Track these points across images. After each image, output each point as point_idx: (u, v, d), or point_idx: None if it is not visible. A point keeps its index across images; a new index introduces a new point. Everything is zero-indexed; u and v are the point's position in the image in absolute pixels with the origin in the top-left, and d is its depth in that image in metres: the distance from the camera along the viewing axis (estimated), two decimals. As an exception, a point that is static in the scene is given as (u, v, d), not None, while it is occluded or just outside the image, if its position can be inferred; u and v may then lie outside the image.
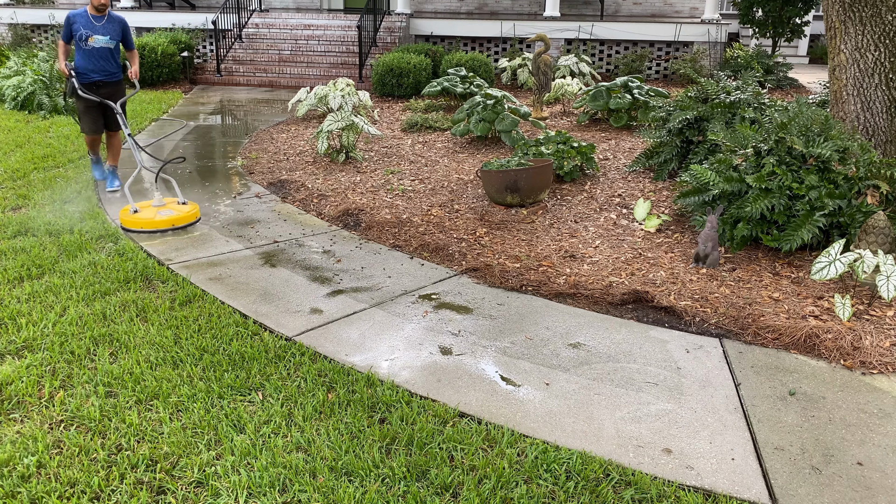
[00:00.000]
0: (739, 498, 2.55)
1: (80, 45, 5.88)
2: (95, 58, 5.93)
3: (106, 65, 6.00)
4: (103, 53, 5.96)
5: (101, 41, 5.90)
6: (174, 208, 5.42)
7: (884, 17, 5.04)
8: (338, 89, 9.09)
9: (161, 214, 5.24)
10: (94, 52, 5.91)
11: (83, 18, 5.90)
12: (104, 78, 6.02)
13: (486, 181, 5.97)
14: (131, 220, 5.18)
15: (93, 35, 5.84)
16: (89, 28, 5.86)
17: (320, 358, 3.42)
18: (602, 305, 4.14)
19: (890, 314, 3.95)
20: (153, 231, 5.16)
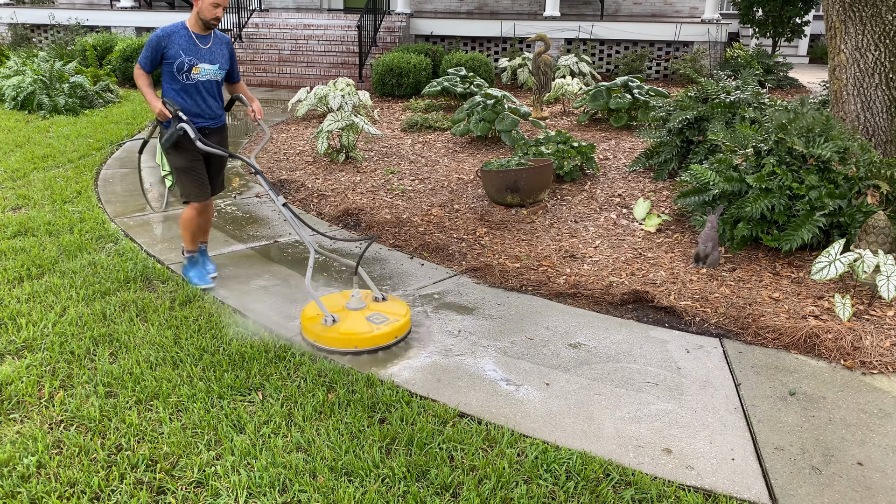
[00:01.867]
0: (739, 498, 2.55)
1: (176, 77, 4.01)
2: (200, 95, 4.11)
3: (213, 105, 4.20)
4: (210, 89, 4.15)
5: (209, 71, 4.09)
6: (381, 310, 3.72)
7: (884, 17, 5.04)
8: (338, 89, 9.09)
9: (376, 324, 3.57)
10: (198, 87, 4.08)
11: (183, 39, 3.99)
12: (211, 124, 4.21)
13: (486, 181, 5.96)
14: (331, 335, 3.50)
15: (198, 64, 4.02)
16: (193, 53, 4.01)
17: (320, 358, 3.42)
18: (602, 305, 4.14)
19: (890, 314, 3.95)
20: (371, 350, 3.52)
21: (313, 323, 3.57)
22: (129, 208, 5.81)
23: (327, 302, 3.78)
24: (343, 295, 3.87)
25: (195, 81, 4.05)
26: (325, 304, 3.71)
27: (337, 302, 3.78)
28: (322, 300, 3.76)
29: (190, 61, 4.00)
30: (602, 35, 13.33)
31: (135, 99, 11.12)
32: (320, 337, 3.52)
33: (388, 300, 3.83)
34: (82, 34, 14.43)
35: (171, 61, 3.97)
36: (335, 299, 3.83)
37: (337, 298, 3.83)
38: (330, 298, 3.85)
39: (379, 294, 3.84)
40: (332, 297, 3.86)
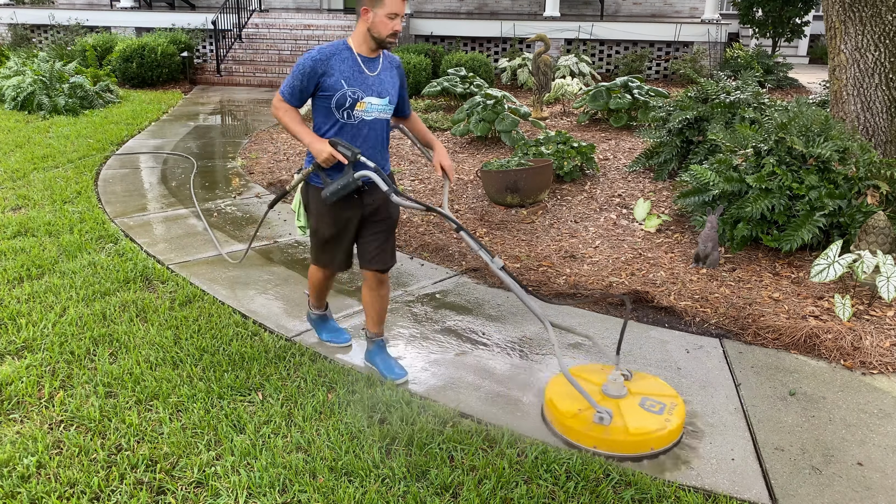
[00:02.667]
0: (739, 498, 2.55)
1: (332, 115, 2.93)
2: (364, 139, 3.00)
3: (380, 149, 3.07)
4: (378, 130, 3.03)
5: (377, 108, 2.98)
6: (646, 392, 2.96)
7: (884, 17, 5.04)
8: (338, 89, 9.07)
9: (666, 419, 2.79)
10: (361, 128, 2.97)
11: (347, 64, 2.91)
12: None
13: (486, 181, 5.96)
14: (615, 438, 2.73)
15: (364, 98, 2.92)
16: (359, 84, 2.91)
17: (320, 358, 3.42)
18: (602, 305, 4.14)
19: (890, 314, 3.95)
20: (667, 450, 2.78)
21: (578, 422, 2.76)
22: (129, 208, 5.81)
23: (585, 372, 3.05)
24: (584, 369, 3.11)
25: (359, 121, 2.94)
26: (583, 387, 2.86)
27: (589, 381, 2.98)
28: (561, 381, 2.99)
29: (354, 94, 2.89)
30: (602, 35, 13.33)
31: (134, 99, 11.13)
32: (578, 434, 2.75)
33: (633, 376, 3.01)
34: (82, 34, 14.43)
35: (328, 93, 2.88)
36: (584, 376, 3.04)
37: (606, 386, 2.91)
38: (579, 373, 3.06)
39: (624, 369, 3.01)
40: (579, 372, 3.07)
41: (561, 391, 2.91)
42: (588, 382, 2.96)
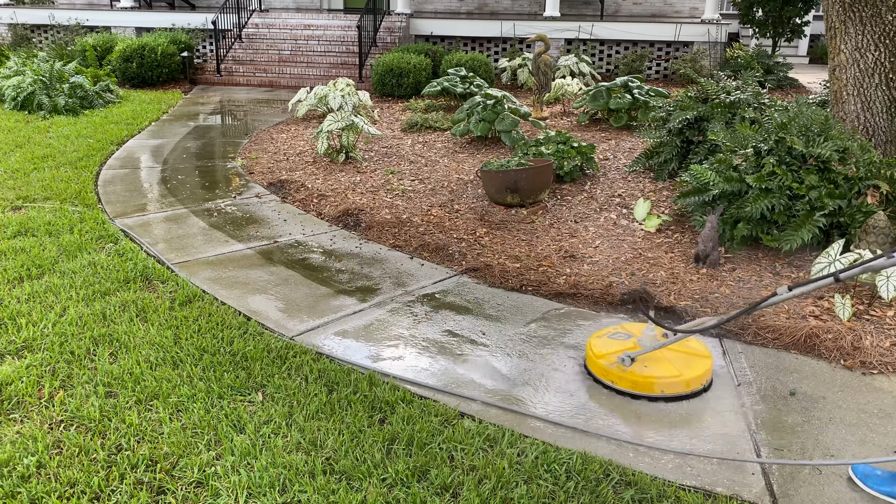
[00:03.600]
0: (739, 498, 2.55)
1: None
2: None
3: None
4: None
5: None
6: (682, 350, 3.34)
7: (884, 17, 5.04)
8: (338, 89, 9.09)
9: (685, 367, 3.19)
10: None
11: None
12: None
13: (486, 181, 5.96)
14: (642, 378, 3.14)
15: None
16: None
17: (322, 358, 3.42)
18: (602, 305, 4.14)
19: (890, 314, 3.95)
20: (680, 397, 3.15)
21: (607, 361, 3.20)
22: (129, 208, 5.81)
23: (609, 337, 3.41)
24: (627, 329, 3.47)
25: None
26: (613, 343, 3.33)
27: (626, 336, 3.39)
28: (602, 334, 3.41)
29: None
30: (602, 35, 13.33)
31: (135, 99, 11.12)
32: (619, 378, 3.14)
33: (676, 333, 3.17)
34: (82, 34, 14.43)
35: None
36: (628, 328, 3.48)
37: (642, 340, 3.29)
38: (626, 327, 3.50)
39: (666, 331, 3.29)
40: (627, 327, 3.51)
41: (596, 344, 3.34)
42: (627, 334, 3.41)
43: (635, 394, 3.13)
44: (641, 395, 3.12)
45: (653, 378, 3.10)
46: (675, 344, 3.30)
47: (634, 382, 3.11)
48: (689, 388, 3.13)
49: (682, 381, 3.10)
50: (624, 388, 3.14)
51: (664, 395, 3.10)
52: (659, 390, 3.09)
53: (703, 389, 3.19)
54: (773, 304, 2.78)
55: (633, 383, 3.12)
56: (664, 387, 3.09)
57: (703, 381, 3.19)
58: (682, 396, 3.13)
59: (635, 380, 3.11)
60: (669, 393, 3.10)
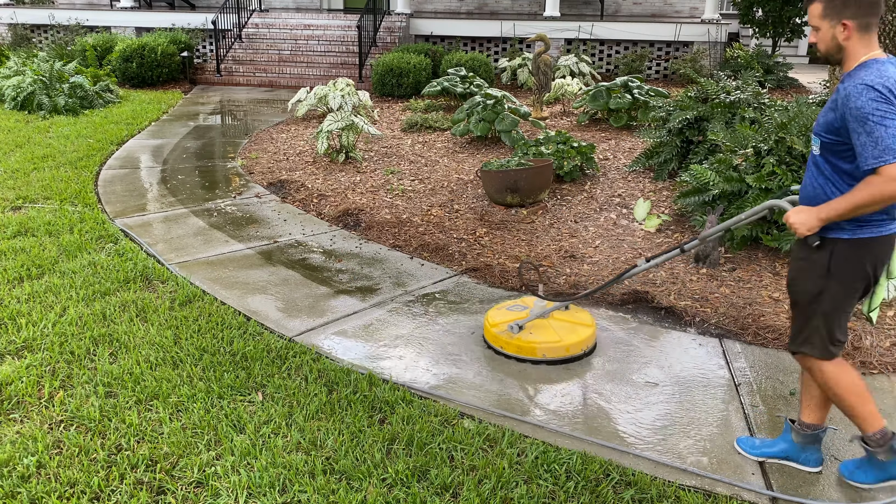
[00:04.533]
0: (739, 498, 2.55)
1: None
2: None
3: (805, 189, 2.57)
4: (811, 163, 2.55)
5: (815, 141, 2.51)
6: (570, 319, 3.63)
7: (884, 18, 5.04)
8: (338, 89, 9.09)
9: (566, 334, 3.48)
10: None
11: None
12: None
13: (486, 181, 5.96)
14: (525, 343, 3.45)
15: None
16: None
17: (322, 358, 3.42)
18: (602, 305, 4.14)
19: (890, 314, 3.95)
20: (562, 361, 3.46)
21: (494, 327, 3.54)
22: (129, 208, 5.81)
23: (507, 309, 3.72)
24: (524, 302, 3.78)
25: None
26: (507, 313, 3.65)
27: (518, 310, 3.70)
28: (501, 307, 3.75)
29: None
30: (602, 35, 13.33)
31: (135, 99, 11.12)
32: (505, 345, 3.47)
33: (570, 309, 3.66)
34: (82, 34, 14.42)
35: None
36: (523, 302, 3.79)
37: (530, 310, 3.66)
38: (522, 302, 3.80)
39: (563, 304, 3.64)
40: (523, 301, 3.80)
41: (492, 315, 3.66)
42: (523, 306, 3.73)
43: (520, 357, 3.44)
44: (526, 358, 3.43)
45: (535, 343, 3.42)
46: (564, 315, 3.63)
47: (519, 347, 3.43)
48: (568, 352, 3.45)
49: (562, 347, 3.42)
50: (511, 353, 3.46)
51: (546, 359, 3.42)
52: (541, 354, 3.42)
53: (584, 354, 3.49)
54: (635, 274, 3.20)
55: (518, 348, 3.44)
56: (546, 351, 3.41)
57: (583, 347, 3.49)
58: (563, 360, 3.44)
59: (520, 345, 3.43)
60: (551, 357, 3.42)
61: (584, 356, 3.49)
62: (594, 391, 3.23)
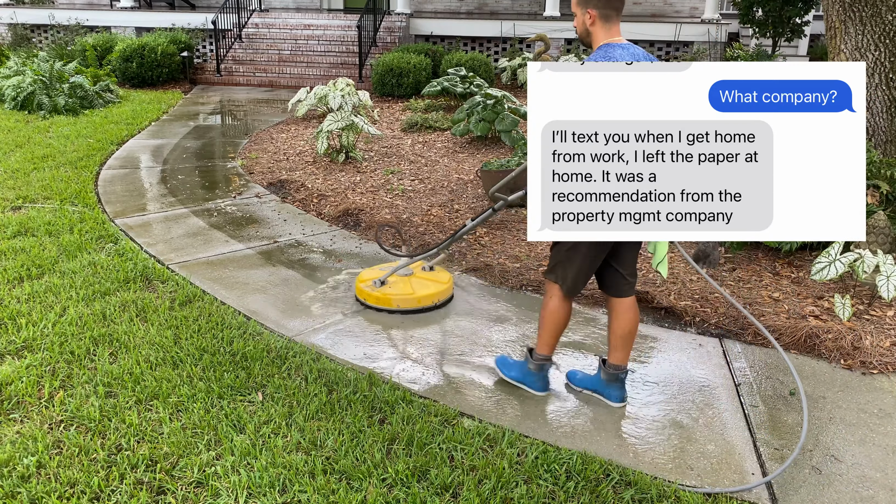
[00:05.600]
0: (739, 498, 2.55)
1: None
2: None
3: None
4: None
5: None
6: (428, 277, 4.20)
7: (884, 17, 5.04)
8: (338, 89, 9.08)
9: (419, 288, 4.04)
10: None
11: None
12: None
13: (486, 181, 5.96)
14: (376, 295, 3.99)
15: None
16: None
17: (321, 357, 3.42)
18: (602, 305, 4.14)
19: (890, 314, 3.95)
20: (415, 311, 3.99)
21: (365, 282, 4.10)
22: (129, 208, 5.81)
23: (380, 269, 4.31)
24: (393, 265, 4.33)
25: None
26: (377, 271, 4.23)
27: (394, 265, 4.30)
28: (375, 267, 4.36)
29: None
30: (602, 35, 13.32)
31: (135, 99, 11.13)
32: (368, 297, 4.03)
33: (435, 269, 4.31)
34: (82, 34, 14.43)
35: None
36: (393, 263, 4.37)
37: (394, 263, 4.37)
38: (377, 269, 4.33)
39: (429, 263, 4.31)
40: (381, 268, 4.34)
41: (365, 273, 4.24)
42: (391, 267, 4.25)
43: (379, 308, 3.98)
44: (383, 308, 3.98)
45: (391, 295, 3.97)
46: (426, 274, 4.22)
47: (378, 299, 3.99)
48: (419, 304, 3.98)
49: (413, 299, 3.98)
50: (371, 304, 4.01)
51: (400, 309, 3.96)
52: (395, 305, 3.97)
53: (435, 306, 4.02)
54: (465, 232, 3.71)
55: (377, 300, 3.99)
56: (399, 302, 3.97)
57: (433, 300, 4.02)
58: (414, 310, 3.97)
59: (378, 297, 3.98)
60: (404, 307, 3.96)
61: (434, 308, 4.01)
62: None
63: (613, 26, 2.81)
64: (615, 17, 2.80)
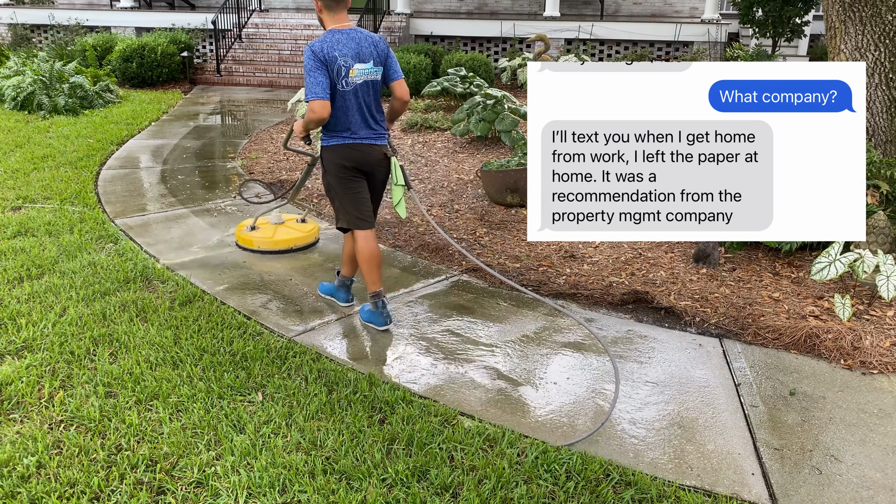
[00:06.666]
0: (739, 498, 2.55)
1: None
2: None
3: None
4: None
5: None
6: (294, 227, 5.02)
7: (884, 17, 5.04)
8: (338, 89, 9.07)
9: (280, 234, 4.89)
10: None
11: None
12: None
13: (486, 181, 5.96)
14: (243, 237, 4.88)
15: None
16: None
17: (321, 357, 3.42)
18: (602, 306, 4.14)
19: (890, 314, 3.95)
20: (272, 251, 4.82)
21: (240, 229, 4.98)
22: (129, 208, 5.81)
23: (262, 221, 5.04)
24: (277, 217, 5.09)
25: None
26: (259, 223, 5.00)
27: (266, 221, 5.07)
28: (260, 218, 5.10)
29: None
30: (602, 35, 13.33)
31: (135, 99, 11.13)
32: (239, 238, 4.94)
33: (307, 223, 5.13)
34: (82, 34, 14.42)
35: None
36: (267, 221, 5.08)
37: (270, 220, 5.08)
38: (265, 220, 5.08)
39: (302, 217, 5.17)
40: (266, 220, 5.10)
41: (245, 221, 5.10)
42: (266, 221, 5.05)
43: (244, 247, 4.88)
44: (248, 248, 4.86)
45: (252, 238, 4.84)
46: (297, 225, 5.04)
47: (245, 241, 4.87)
48: (276, 246, 4.82)
49: (271, 241, 4.82)
50: (241, 245, 4.91)
51: (259, 249, 4.83)
52: (256, 246, 4.83)
53: (290, 250, 4.85)
54: (306, 177, 4.45)
55: (245, 241, 4.88)
56: (259, 244, 4.83)
57: (290, 245, 4.86)
58: (271, 252, 4.83)
59: (245, 239, 4.87)
60: (263, 248, 4.83)
61: (291, 251, 4.85)
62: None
63: (338, 14, 3.49)
64: (337, 8, 3.47)
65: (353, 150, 3.60)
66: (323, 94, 3.38)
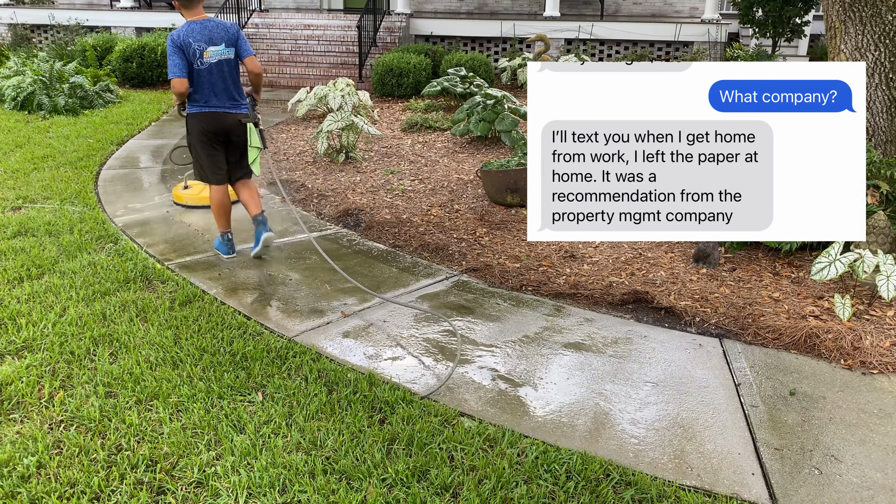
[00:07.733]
0: (739, 498, 2.55)
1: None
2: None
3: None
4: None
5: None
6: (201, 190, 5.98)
7: (884, 17, 5.04)
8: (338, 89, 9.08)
9: (204, 193, 5.72)
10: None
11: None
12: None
13: (486, 181, 5.96)
14: (185, 195, 5.87)
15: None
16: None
17: (322, 358, 3.42)
18: (602, 306, 4.14)
19: (890, 314, 3.95)
20: (197, 206, 5.79)
21: (177, 189, 6.00)
22: (129, 208, 5.81)
23: (194, 183, 5.89)
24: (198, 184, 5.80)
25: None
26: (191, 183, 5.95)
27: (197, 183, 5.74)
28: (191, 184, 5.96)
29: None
30: (602, 35, 13.34)
31: (135, 99, 11.12)
32: (177, 196, 5.93)
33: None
34: (82, 34, 14.42)
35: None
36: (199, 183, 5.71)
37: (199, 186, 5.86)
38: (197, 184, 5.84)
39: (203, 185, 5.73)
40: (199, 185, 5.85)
41: (177, 185, 6.15)
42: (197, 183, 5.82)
43: (178, 203, 5.89)
44: (181, 204, 5.86)
45: (184, 196, 5.86)
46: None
47: (178, 197, 5.90)
48: (200, 202, 5.77)
49: (197, 198, 5.82)
50: (176, 202, 5.91)
51: (188, 205, 5.82)
52: (185, 201, 5.84)
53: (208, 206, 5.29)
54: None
55: (178, 198, 5.90)
56: (189, 200, 5.84)
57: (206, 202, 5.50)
58: (194, 206, 5.80)
59: (178, 195, 5.91)
60: (189, 203, 5.84)
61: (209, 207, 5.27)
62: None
63: (195, 9, 4.30)
64: (191, 6, 4.28)
65: (210, 116, 4.42)
66: (180, 73, 4.22)
